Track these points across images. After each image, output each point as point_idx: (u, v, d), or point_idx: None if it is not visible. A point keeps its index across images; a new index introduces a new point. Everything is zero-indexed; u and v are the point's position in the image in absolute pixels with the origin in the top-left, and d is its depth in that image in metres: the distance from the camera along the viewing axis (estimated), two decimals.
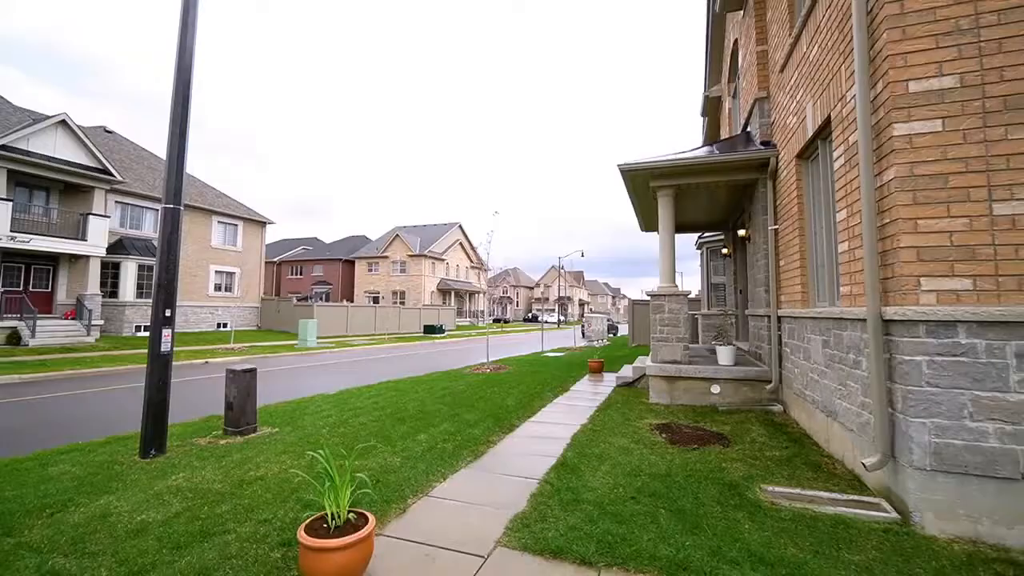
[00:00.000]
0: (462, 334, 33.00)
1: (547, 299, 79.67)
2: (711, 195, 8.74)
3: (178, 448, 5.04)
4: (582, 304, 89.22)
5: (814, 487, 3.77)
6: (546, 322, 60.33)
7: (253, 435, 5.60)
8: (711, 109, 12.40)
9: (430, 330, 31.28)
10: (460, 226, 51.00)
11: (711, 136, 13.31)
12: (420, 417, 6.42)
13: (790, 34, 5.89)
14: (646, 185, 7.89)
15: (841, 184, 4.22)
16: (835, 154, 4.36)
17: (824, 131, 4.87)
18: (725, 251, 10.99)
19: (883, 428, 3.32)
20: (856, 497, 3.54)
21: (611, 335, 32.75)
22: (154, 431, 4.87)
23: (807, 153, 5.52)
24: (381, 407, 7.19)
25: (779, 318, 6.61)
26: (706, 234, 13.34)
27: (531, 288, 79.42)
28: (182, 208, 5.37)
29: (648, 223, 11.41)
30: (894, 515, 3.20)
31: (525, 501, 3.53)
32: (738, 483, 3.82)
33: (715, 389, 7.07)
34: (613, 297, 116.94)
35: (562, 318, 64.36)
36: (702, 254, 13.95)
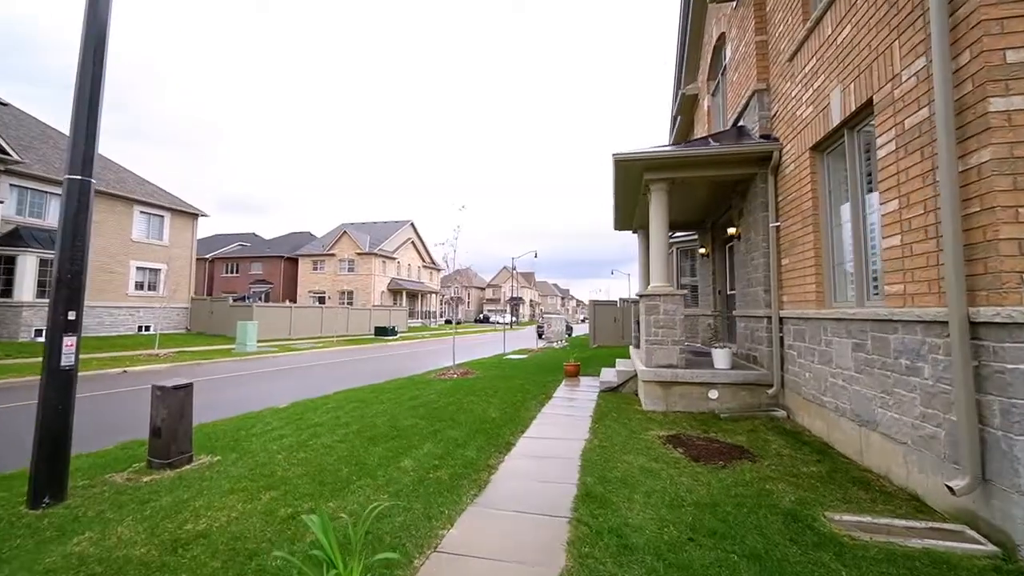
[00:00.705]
0: (415, 336, 31.62)
1: (498, 300, 79.14)
2: (696, 192, 8.43)
3: (84, 491, 3.86)
4: (533, 305, 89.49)
5: (879, 512, 3.32)
6: (498, 323, 59.68)
7: (188, 467, 4.48)
8: (686, 108, 12.25)
9: (382, 332, 29.65)
10: (412, 224, 49.28)
11: (683, 136, 13.19)
12: (396, 436, 5.52)
13: (804, 19, 5.57)
14: (639, 178, 7.40)
15: (890, 172, 3.84)
16: (880, 141, 3.97)
17: (857, 118, 4.52)
18: (703, 251, 10.80)
19: (972, 446, 2.90)
20: (933, 524, 3.11)
21: (567, 335, 32.61)
22: (50, 470, 3.67)
23: (827, 144, 5.19)
24: (345, 424, 6.19)
25: (781, 319, 6.30)
26: (676, 234, 13.20)
27: (482, 289, 78.54)
28: (94, 182, 4.18)
29: (625, 221, 11.03)
30: (991, 547, 2.77)
31: (563, 552, 2.80)
32: (796, 511, 3.30)
33: (713, 394, 6.68)
34: (562, 298, 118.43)
35: (514, 319, 64.02)
36: (671, 255, 13.81)
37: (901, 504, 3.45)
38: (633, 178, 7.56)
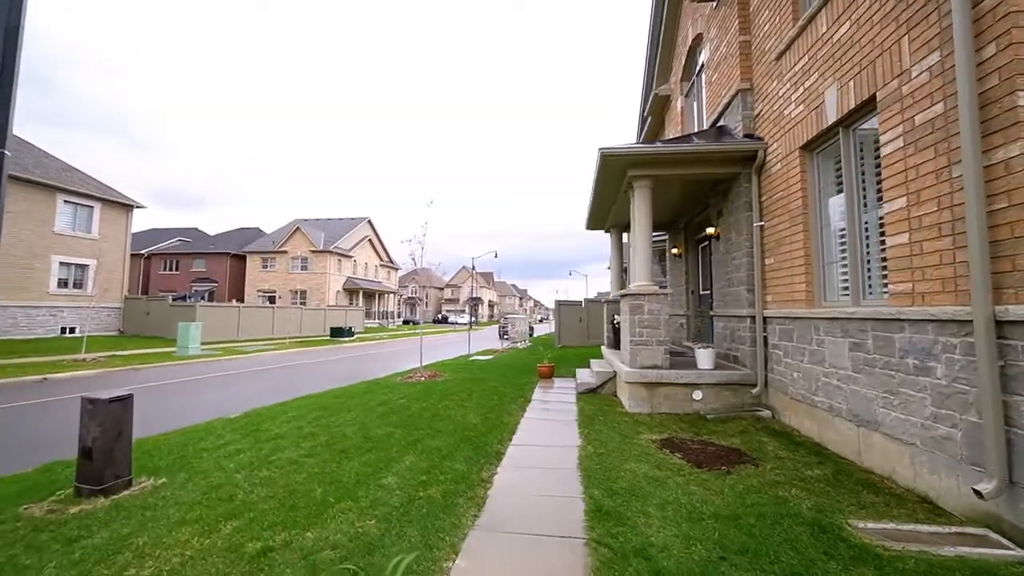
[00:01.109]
0: (373, 336, 30.49)
1: (457, 300, 78.33)
2: (670, 192, 8.38)
3: None
4: (491, 305, 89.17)
5: (897, 517, 3.22)
6: (457, 323, 58.98)
7: (126, 493, 3.82)
8: (656, 109, 12.31)
9: (338, 333, 28.33)
10: (369, 221, 47.71)
11: (653, 136, 13.27)
12: (371, 447, 5.01)
13: (794, 18, 5.55)
14: (622, 175, 7.23)
15: (897, 170, 3.78)
16: (885, 138, 3.92)
17: (854, 116, 4.48)
18: (675, 251, 10.84)
19: (999, 449, 2.83)
20: (956, 529, 3.03)
21: (530, 336, 32.47)
22: None
23: (818, 143, 5.16)
24: (311, 435, 5.60)
25: (765, 319, 6.29)
26: None
27: (441, 289, 77.43)
28: (8, 154, 3.45)
29: (600, 220, 10.92)
30: (1020, 552, 2.70)
31: None
32: (820, 520, 3.13)
33: (697, 395, 6.59)
34: (520, 298, 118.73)
35: (473, 319, 63.43)
36: None
37: (915, 507, 3.38)
38: (615, 175, 7.38)
